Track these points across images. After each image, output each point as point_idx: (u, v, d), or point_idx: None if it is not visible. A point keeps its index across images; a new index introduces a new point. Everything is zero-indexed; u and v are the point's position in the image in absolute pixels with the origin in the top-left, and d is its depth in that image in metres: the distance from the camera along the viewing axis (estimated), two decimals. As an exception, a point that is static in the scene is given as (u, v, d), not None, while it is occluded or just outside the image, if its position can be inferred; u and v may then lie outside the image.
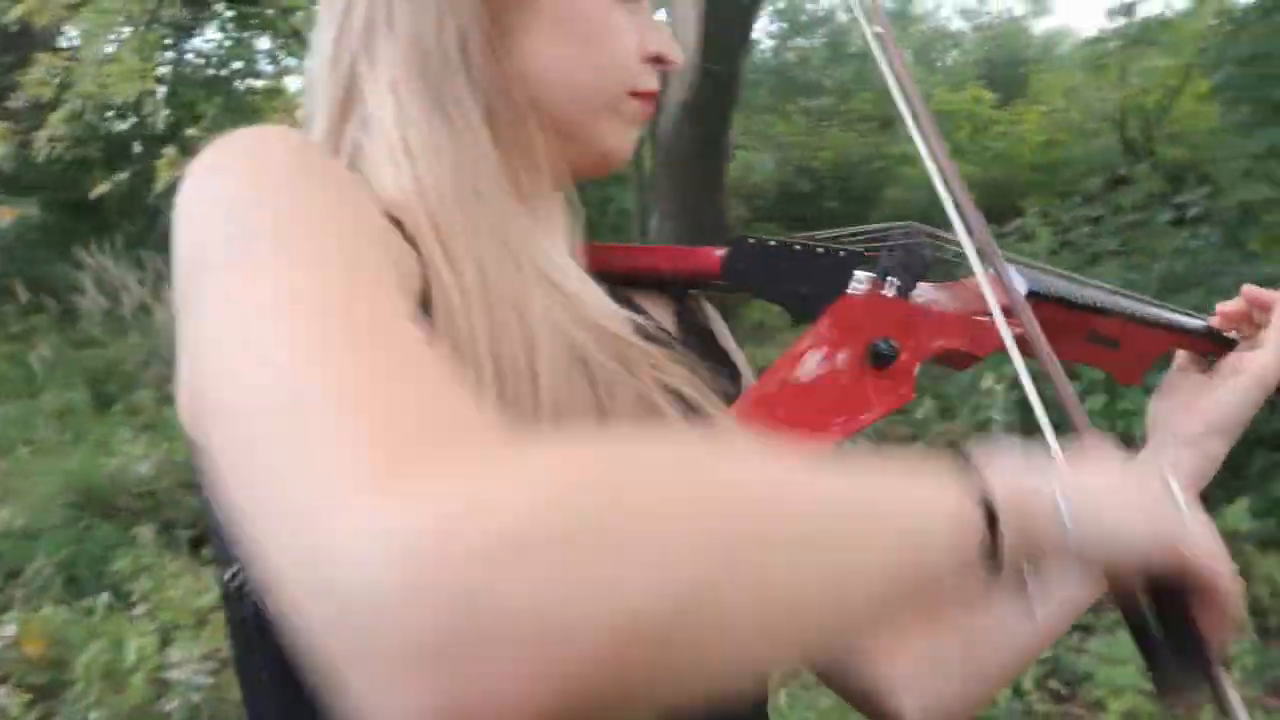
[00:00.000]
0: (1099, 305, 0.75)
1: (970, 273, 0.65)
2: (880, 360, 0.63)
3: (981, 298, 0.64)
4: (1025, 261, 0.74)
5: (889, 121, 10.31)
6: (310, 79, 0.60)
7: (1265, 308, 0.73)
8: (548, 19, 0.57)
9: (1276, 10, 4.93)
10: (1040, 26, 14.83)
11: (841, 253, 0.67)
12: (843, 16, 13.52)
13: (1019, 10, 15.47)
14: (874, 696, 0.71)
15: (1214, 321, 0.75)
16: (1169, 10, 9.16)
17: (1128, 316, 0.75)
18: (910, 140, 0.64)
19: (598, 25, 0.59)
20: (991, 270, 0.63)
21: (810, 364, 0.62)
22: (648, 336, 0.58)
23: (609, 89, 0.60)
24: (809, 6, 13.54)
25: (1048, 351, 0.59)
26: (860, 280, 0.65)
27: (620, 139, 0.62)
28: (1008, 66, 12.23)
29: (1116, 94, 8.93)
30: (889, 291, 0.64)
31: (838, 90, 11.47)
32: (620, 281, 0.66)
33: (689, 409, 0.57)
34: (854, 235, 0.69)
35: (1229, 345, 0.75)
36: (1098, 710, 2.67)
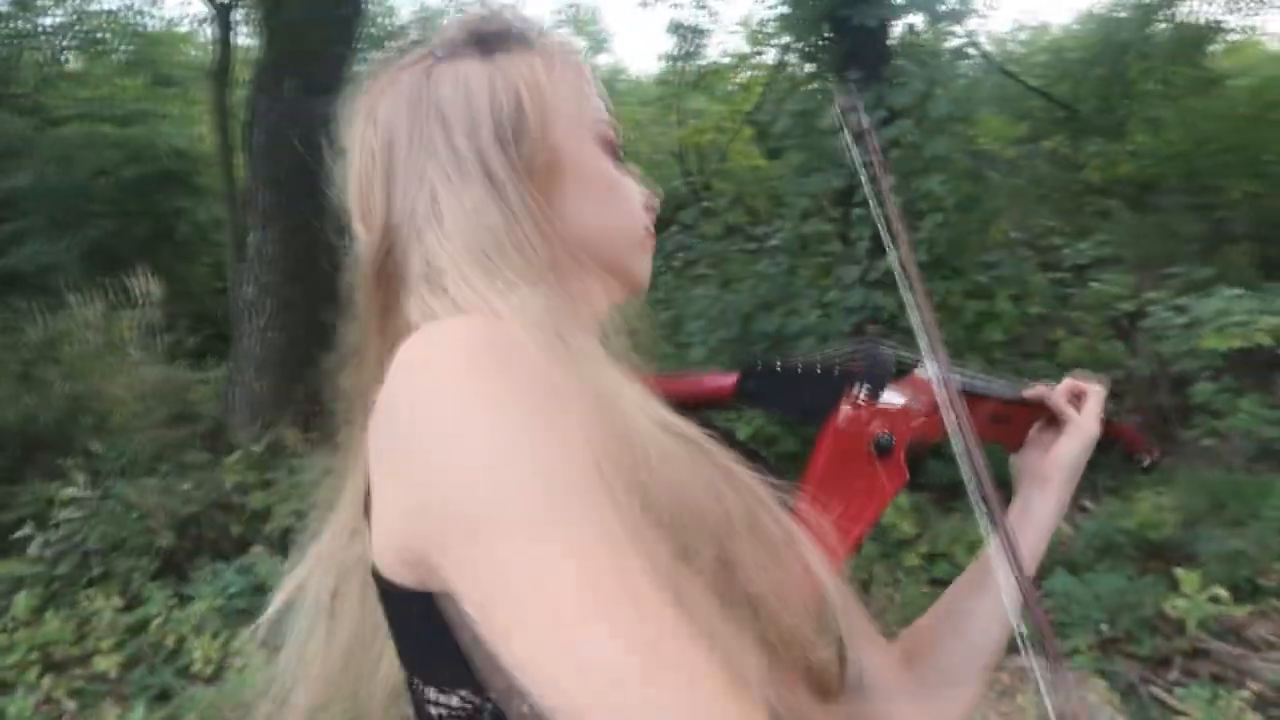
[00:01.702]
0: (992, 392, 0.94)
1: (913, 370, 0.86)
2: (883, 450, 0.79)
3: (923, 392, 0.84)
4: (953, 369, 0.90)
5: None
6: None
7: (1082, 394, 0.97)
8: (576, 183, 0.70)
9: (823, 75, 5.91)
10: (599, 61, 16.02)
11: (832, 369, 0.83)
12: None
13: (579, 45, 16.54)
14: None
15: (1049, 395, 0.96)
16: (717, 63, 10.46)
17: (1008, 399, 0.95)
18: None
19: (614, 183, 0.74)
20: (939, 374, 0.83)
21: (833, 469, 0.79)
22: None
23: (636, 230, 0.75)
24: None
25: (971, 435, 0.78)
26: (853, 390, 0.82)
27: (648, 266, 0.77)
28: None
29: (675, 132, 9.97)
30: (869, 396, 0.82)
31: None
32: None
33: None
34: (828, 354, 0.86)
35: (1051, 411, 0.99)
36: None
